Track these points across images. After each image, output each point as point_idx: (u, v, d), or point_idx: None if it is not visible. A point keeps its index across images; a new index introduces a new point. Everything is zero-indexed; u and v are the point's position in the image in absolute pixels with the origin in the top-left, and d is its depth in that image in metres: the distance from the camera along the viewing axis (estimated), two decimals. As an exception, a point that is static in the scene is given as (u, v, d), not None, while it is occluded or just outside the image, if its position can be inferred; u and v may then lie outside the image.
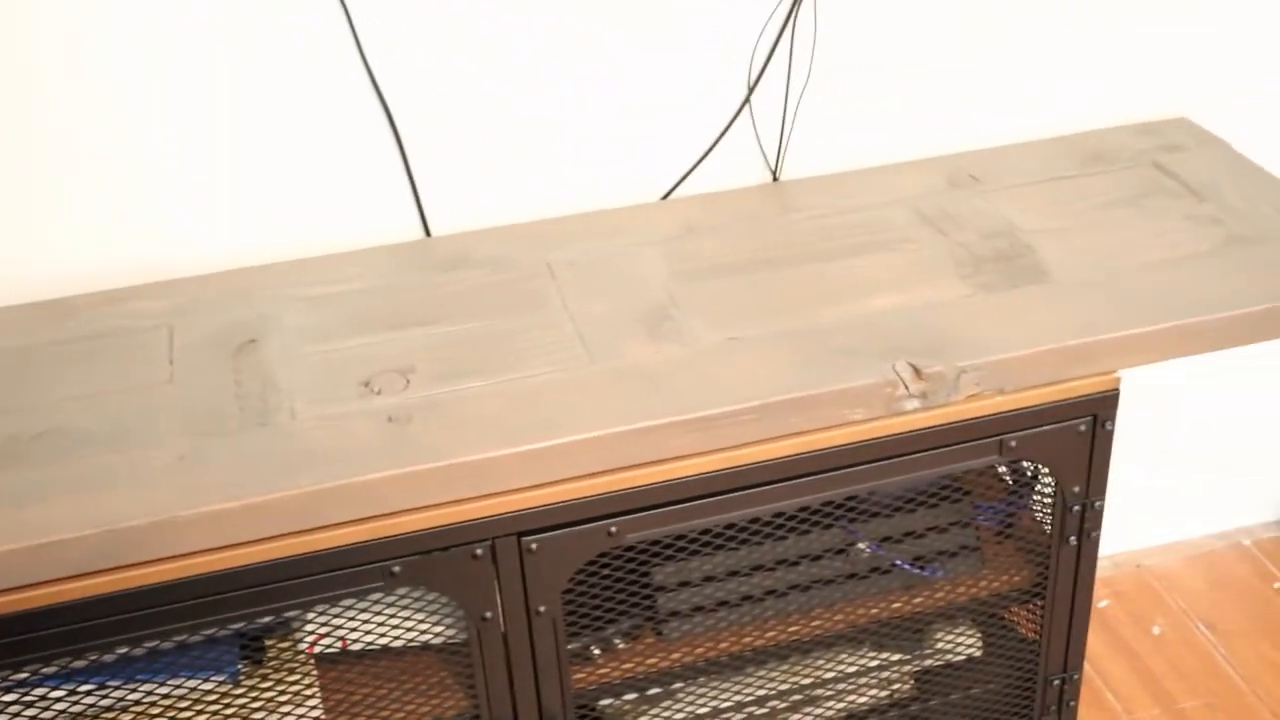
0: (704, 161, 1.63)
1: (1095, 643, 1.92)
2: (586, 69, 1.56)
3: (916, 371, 1.29)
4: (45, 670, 1.23)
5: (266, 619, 1.28)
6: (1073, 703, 1.55)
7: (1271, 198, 1.55)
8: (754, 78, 1.60)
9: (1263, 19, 1.74)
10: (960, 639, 1.55)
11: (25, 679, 1.24)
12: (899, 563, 1.45)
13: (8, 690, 1.24)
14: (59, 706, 1.26)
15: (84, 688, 1.25)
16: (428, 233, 1.59)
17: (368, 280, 1.49)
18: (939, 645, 1.55)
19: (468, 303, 1.44)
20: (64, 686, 1.25)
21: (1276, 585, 2.00)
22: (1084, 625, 1.50)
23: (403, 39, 1.49)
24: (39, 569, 1.16)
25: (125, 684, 1.27)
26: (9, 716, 1.24)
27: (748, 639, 1.44)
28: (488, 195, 1.59)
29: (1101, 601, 1.98)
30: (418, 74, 1.51)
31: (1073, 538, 1.42)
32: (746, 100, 1.61)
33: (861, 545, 1.44)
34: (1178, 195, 1.56)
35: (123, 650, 1.24)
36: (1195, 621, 1.95)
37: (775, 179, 1.66)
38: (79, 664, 1.24)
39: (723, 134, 1.62)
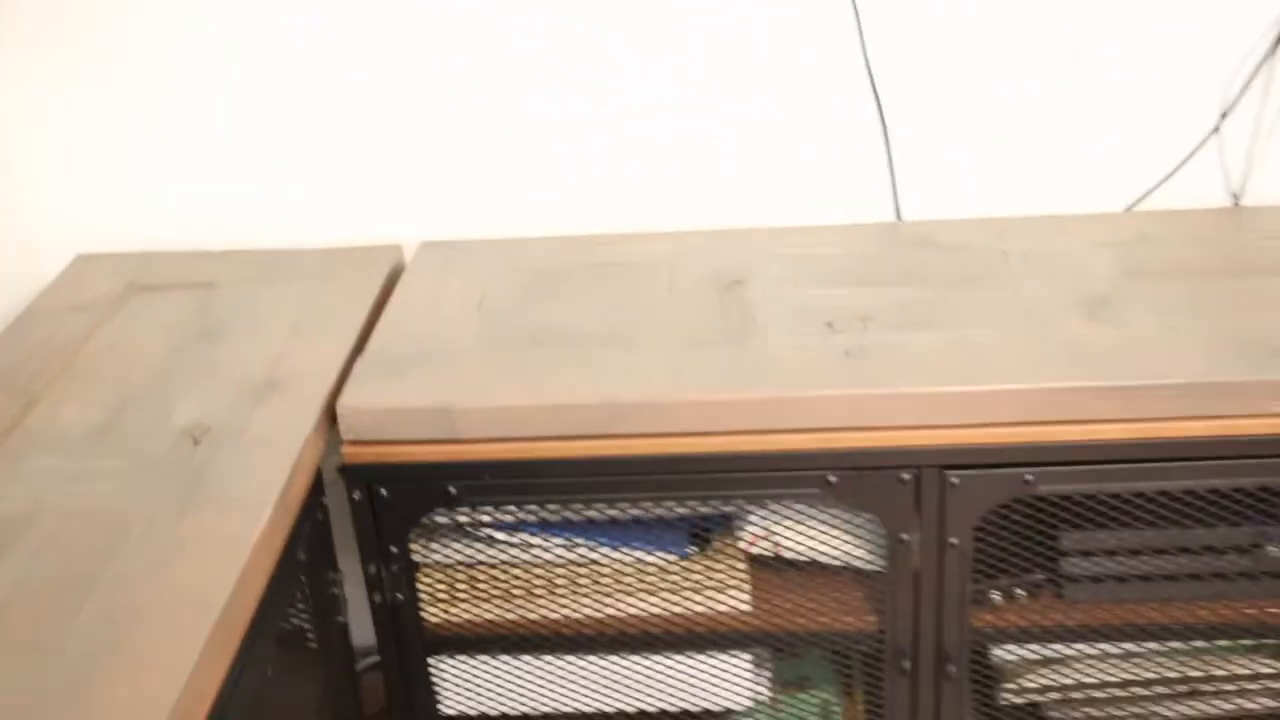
0: (1168, 180, 1.74)
1: None
2: (1062, 74, 1.70)
3: (1346, 376, 1.35)
4: (525, 518, 1.51)
5: (719, 504, 1.51)
6: None
7: None
8: (1230, 101, 1.70)
9: None
10: (1366, 665, 1.57)
11: (514, 523, 1.52)
12: (1307, 571, 1.50)
13: (503, 529, 1.53)
14: (535, 552, 1.54)
15: (556, 539, 1.53)
16: (899, 217, 1.78)
17: (842, 248, 1.70)
18: (1343, 667, 1.57)
19: (927, 274, 1.62)
20: (541, 534, 1.53)
21: None
22: None
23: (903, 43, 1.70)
24: (547, 425, 1.44)
25: (590, 542, 1.53)
26: (499, 549, 1.54)
27: (1146, 618, 1.53)
28: (957, 188, 1.76)
29: None
30: (907, 66, 1.71)
31: None
32: (1219, 124, 1.71)
33: (1272, 548, 1.50)
34: None
35: (598, 510, 1.50)
36: None
37: (1237, 203, 1.74)
38: (552, 519, 1.51)
39: (1191, 155, 1.72)
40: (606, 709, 1.62)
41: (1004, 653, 1.61)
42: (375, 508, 1.50)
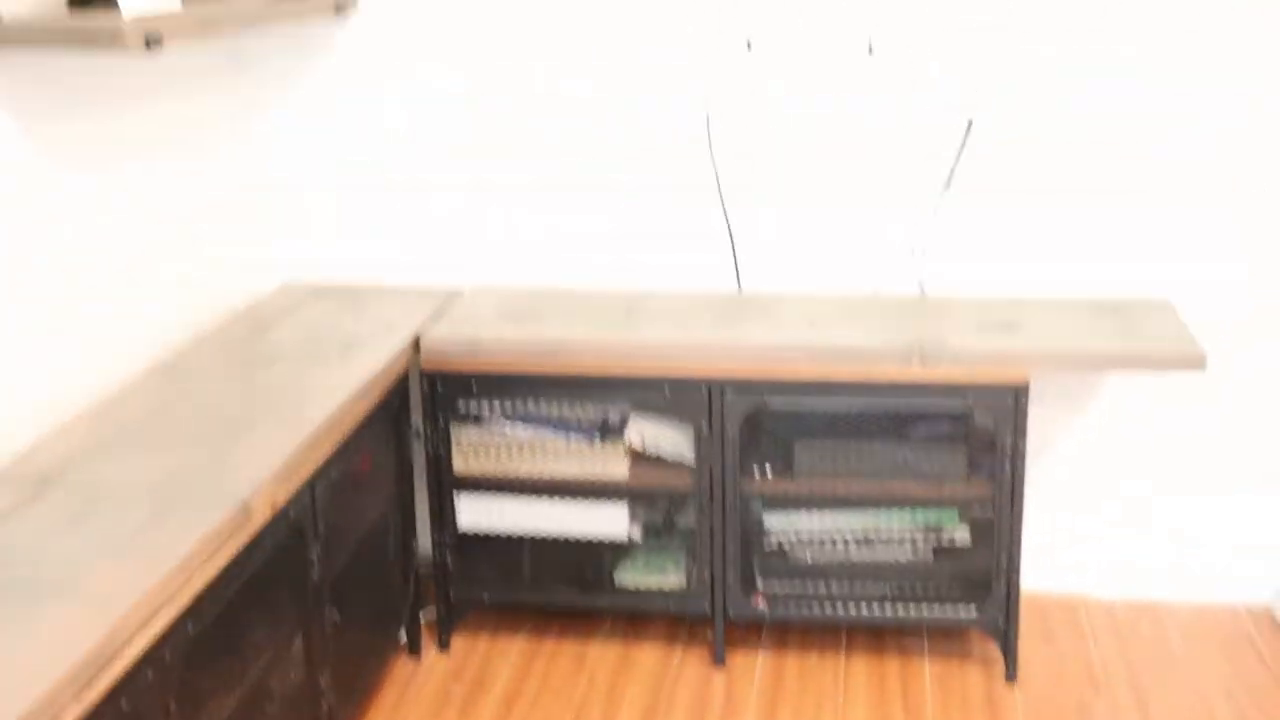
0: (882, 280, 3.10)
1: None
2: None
3: (921, 350, 2.70)
4: (510, 411, 2.88)
5: (610, 407, 2.86)
6: (1015, 575, 2.79)
7: (1160, 325, 2.82)
8: (919, 232, 3.08)
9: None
10: (958, 533, 2.85)
11: (503, 416, 2.89)
12: (924, 467, 2.80)
13: (496, 419, 2.90)
14: (513, 433, 2.90)
15: (524, 427, 2.88)
16: (740, 288, 3.16)
17: (698, 301, 3.08)
18: (945, 534, 2.85)
19: (739, 314, 3.00)
20: (517, 423, 2.89)
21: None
22: (1019, 526, 2.76)
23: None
24: (523, 352, 2.81)
25: (542, 429, 2.89)
26: (493, 431, 2.90)
27: (840, 491, 2.83)
28: (766, 271, 3.14)
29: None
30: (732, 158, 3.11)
31: (1006, 465, 2.73)
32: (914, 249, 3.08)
33: (904, 452, 2.80)
34: (1115, 316, 2.87)
35: (549, 408, 2.87)
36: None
37: (923, 291, 3.09)
38: (526, 413, 2.88)
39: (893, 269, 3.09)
40: (544, 531, 2.94)
41: (769, 519, 2.91)
42: (434, 394, 2.88)
